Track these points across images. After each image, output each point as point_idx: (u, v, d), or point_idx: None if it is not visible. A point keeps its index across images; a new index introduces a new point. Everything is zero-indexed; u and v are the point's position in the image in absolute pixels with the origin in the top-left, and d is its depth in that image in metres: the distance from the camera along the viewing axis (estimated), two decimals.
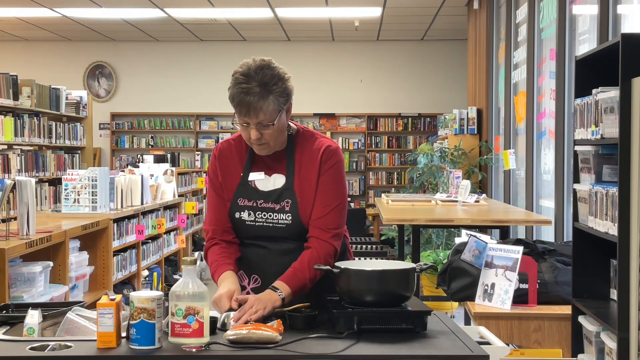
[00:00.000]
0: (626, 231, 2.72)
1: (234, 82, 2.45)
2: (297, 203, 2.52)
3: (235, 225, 2.59)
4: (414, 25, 11.35)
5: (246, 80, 2.41)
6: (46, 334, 2.31)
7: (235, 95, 2.43)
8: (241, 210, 2.56)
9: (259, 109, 2.40)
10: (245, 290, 2.56)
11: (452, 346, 2.13)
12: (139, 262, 6.32)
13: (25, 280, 4.04)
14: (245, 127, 2.47)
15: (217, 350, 2.06)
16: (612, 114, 2.88)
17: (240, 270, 2.58)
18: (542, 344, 3.44)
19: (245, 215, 2.56)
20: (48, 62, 12.61)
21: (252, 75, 2.42)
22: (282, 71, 2.47)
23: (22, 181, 4.08)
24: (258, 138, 2.45)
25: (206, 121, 12.77)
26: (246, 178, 2.58)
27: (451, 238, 7.62)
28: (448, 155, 8.70)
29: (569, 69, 5.60)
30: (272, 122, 2.44)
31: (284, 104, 2.46)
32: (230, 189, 2.60)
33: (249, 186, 2.58)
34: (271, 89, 2.41)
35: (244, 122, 2.45)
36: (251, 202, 2.56)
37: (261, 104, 2.40)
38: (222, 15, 10.56)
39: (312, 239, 2.52)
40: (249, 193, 2.57)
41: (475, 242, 3.67)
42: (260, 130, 2.45)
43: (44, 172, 7.58)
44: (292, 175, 2.55)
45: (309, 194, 2.54)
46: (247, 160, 2.60)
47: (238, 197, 2.57)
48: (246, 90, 2.40)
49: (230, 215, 2.59)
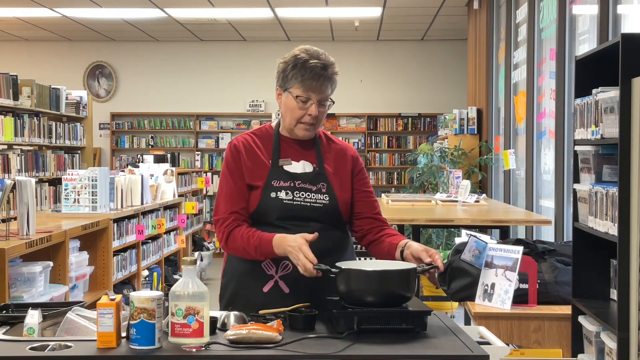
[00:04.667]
0: (626, 231, 2.72)
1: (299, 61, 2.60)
2: (332, 187, 2.66)
3: (269, 205, 2.60)
4: (414, 25, 11.35)
5: (313, 59, 2.60)
6: (46, 334, 2.31)
7: (307, 71, 2.59)
8: (277, 191, 2.62)
9: (327, 85, 2.61)
10: (273, 279, 2.58)
11: (452, 346, 2.13)
12: (139, 262, 6.32)
13: (25, 280, 4.04)
14: (304, 104, 2.61)
15: (217, 350, 2.06)
16: (612, 114, 2.88)
17: (266, 260, 2.58)
18: (542, 344, 3.44)
19: (283, 195, 2.62)
20: (48, 62, 12.61)
21: (317, 56, 2.62)
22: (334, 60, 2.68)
23: (22, 181, 4.08)
24: (316, 115, 2.62)
25: (206, 121, 12.77)
26: (277, 163, 2.66)
27: (451, 238, 7.62)
28: (448, 155, 8.70)
29: (569, 69, 5.60)
30: (329, 100, 2.65)
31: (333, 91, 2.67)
32: (259, 174, 2.63)
33: (281, 169, 2.66)
34: (331, 72, 2.62)
35: (306, 98, 2.60)
36: (288, 182, 2.63)
37: (331, 81, 2.62)
38: (222, 15, 10.55)
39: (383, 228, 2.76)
40: (283, 175, 2.65)
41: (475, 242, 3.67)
42: (319, 108, 2.62)
43: (44, 172, 7.58)
44: (322, 162, 2.69)
45: (340, 182, 2.69)
46: (274, 149, 2.68)
47: (272, 179, 2.63)
48: (319, 65, 2.59)
49: (264, 196, 2.61)
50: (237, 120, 12.74)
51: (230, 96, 12.66)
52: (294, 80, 2.61)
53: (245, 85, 12.58)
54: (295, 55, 2.64)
